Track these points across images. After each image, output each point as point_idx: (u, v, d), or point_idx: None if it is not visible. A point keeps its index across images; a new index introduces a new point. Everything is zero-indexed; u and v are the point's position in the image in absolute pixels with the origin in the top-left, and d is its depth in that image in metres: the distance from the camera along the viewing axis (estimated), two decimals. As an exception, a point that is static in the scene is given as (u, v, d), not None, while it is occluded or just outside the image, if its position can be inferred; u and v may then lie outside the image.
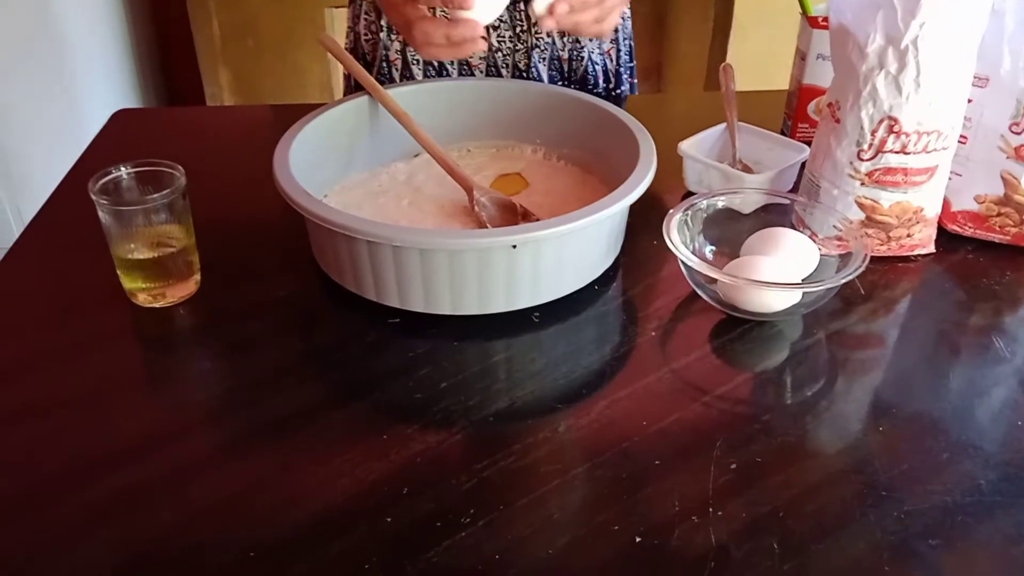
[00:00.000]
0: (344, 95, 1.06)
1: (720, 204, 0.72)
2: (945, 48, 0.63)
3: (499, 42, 0.95)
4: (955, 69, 0.65)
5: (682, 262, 0.65)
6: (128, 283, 0.66)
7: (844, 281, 0.62)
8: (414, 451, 0.55)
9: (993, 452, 0.56)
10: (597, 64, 1.00)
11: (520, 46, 0.96)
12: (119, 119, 0.98)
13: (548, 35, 0.95)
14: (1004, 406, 0.60)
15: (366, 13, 0.99)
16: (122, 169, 0.66)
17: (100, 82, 1.86)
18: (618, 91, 1.04)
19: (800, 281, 0.66)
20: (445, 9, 0.71)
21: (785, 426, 0.58)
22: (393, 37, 0.96)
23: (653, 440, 0.56)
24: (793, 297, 0.65)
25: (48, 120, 1.74)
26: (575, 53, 0.98)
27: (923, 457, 0.55)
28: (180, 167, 0.66)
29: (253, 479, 0.53)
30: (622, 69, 1.04)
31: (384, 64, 0.99)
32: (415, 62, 0.97)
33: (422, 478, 0.53)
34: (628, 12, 1.03)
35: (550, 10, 0.71)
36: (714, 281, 0.65)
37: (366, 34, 1.00)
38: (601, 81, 1.01)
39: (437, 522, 0.50)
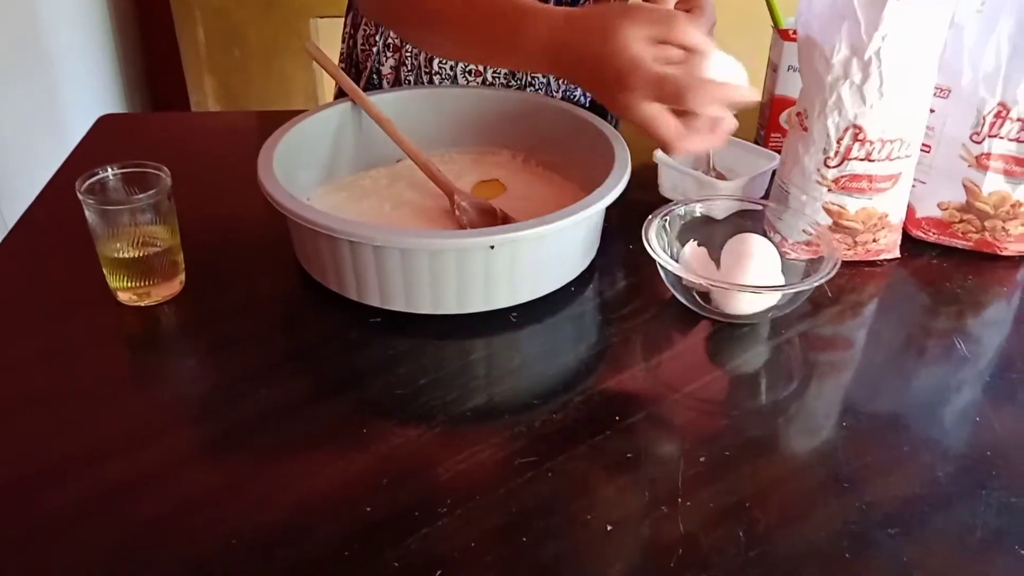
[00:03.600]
0: (334, 100, 1.08)
1: (698, 211, 0.74)
2: (907, 59, 0.66)
3: (494, 77, 0.96)
4: (917, 80, 0.68)
5: (660, 266, 0.67)
6: (113, 282, 0.68)
7: (818, 283, 0.65)
8: (394, 444, 0.56)
9: (952, 446, 0.58)
10: (587, 97, 1.02)
11: (514, 83, 0.97)
12: (104, 123, 0.99)
13: (543, 76, 0.97)
14: (964, 404, 0.63)
15: (365, 24, 1.01)
16: (108, 170, 0.67)
17: (85, 88, 1.87)
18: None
19: (772, 285, 0.68)
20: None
21: (753, 422, 0.60)
22: (389, 55, 0.98)
23: (625, 434, 0.58)
24: (768, 300, 0.67)
25: (31, 125, 1.75)
26: (568, 94, 1.00)
27: (885, 451, 0.57)
28: (166, 168, 0.67)
29: (237, 471, 0.55)
30: None
31: (376, 76, 1.00)
32: (407, 81, 0.99)
33: (401, 470, 0.55)
34: None
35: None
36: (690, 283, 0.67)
37: (363, 44, 1.02)
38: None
39: (416, 511, 0.51)
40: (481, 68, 0.95)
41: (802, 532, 0.51)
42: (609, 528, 0.51)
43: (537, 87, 0.97)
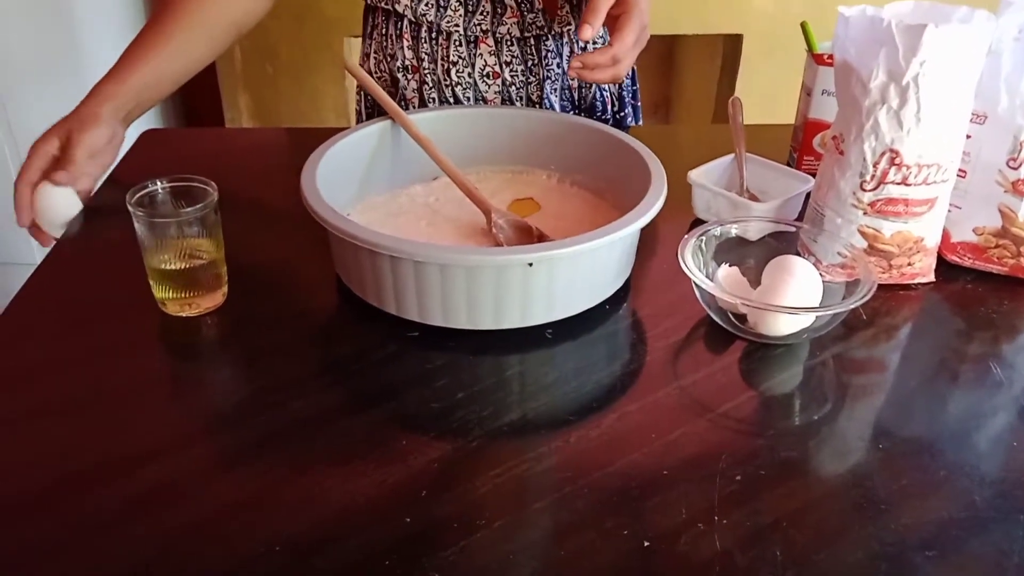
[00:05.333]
0: (357, 121, 1.11)
1: (733, 232, 0.74)
2: (944, 85, 0.67)
3: (512, 76, 0.98)
4: (954, 105, 0.68)
5: (696, 285, 0.68)
6: (159, 293, 0.69)
7: (854, 306, 0.65)
8: (431, 457, 0.57)
9: (988, 471, 0.58)
10: (605, 90, 1.04)
11: (532, 79, 0.99)
12: (148, 138, 1.01)
13: (558, 66, 0.99)
14: (1001, 429, 0.62)
15: (375, 53, 1.03)
16: (158, 183, 0.69)
17: (121, 104, 1.90)
18: (622, 114, 1.08)
19: (810, 307, 0.69)
20: None
21: (788, 442, 0.60)
22: (410, 77, 1.00)
23: (661, 452, 0.58)
24: (803, 322, 0.67)
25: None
26: (584, 81, 1.02)
27: (921, 475, 0.57)
28: (213, 183, 0.69)
29: (275, 479, 0.56)
30: (625, 93, 1.08)
31: (401, 102, 1.02)
32: (431, 100, 1.00)
33: (439, 482, 0.55)
34: None
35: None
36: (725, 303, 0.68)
37: (377, 72, 1.04)
38: (609, 107, 1.05)
39: (454, 523, 0.52)
40: (498, 70, 0.97)
41: (839, 553, 0.51)
42: (646, 544, 0.51)
43: (554, 79, 0.99)
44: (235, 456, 0.58)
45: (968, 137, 0.73)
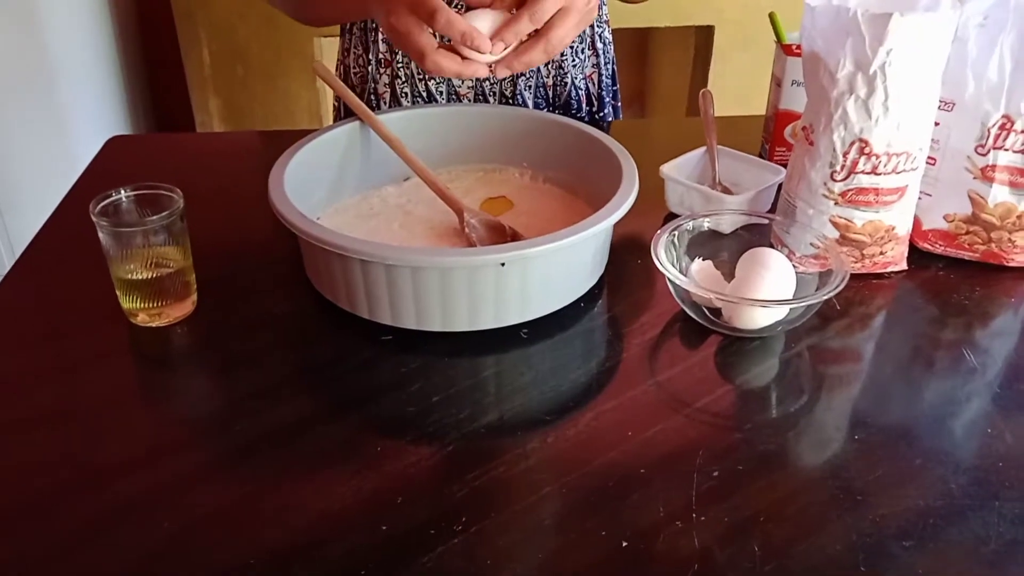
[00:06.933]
0: (334, 122, 1.09)
1: (706, 225, 0.74)
2: (911, 74, 0.67)
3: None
4: (921, 93, 0.69)
5: (670, 280, 0.68)
6: (127, 303, 0.68)
7: (827, 297, 0.65)
8: (408, 462, 0.57)
9: (964, 458, 0.58)
10: (580, 89, 1.03)
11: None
12: (114, 145, 1.00)
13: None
14: (975, 415, 0.63)
15: (354, 47, 1.02)
16: (122, 192, 0.68)
17: (90, 110, 1.88)
18: (601, 114, 1.07)
19: (783, 299, 0.69)
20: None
21: (765, 436, 0.60)
22: (382, 71, 0.99)
23: (638, 450, 0.58)
24: (777, 314, 0.67)
25: (37, 147, 1.76)
26: (559, 79, 1.01)
27: (897, 464, 0.58)
28: (178, 190, 0.68)
29: (251, 489, 0.55)
30: (604, 92, 1.07)
31: (372, 97, 1.01)
32: (403, 95, 1.00)
33: (416, 488, 0.55)
34: (610, 38, 1.07)
35: (497, 64, 0.69)
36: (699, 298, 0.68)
37: (355, 68, 1.03)
38: (584, 105, 1.05)
39: (431, 529, 0.52)
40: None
41: (817, 545, 0.51)
42: (624, 544, 0.51)
43: (528, 75, 0.98)
44: (211, 466, 0.58)
45: (936, 124, 0.73)
